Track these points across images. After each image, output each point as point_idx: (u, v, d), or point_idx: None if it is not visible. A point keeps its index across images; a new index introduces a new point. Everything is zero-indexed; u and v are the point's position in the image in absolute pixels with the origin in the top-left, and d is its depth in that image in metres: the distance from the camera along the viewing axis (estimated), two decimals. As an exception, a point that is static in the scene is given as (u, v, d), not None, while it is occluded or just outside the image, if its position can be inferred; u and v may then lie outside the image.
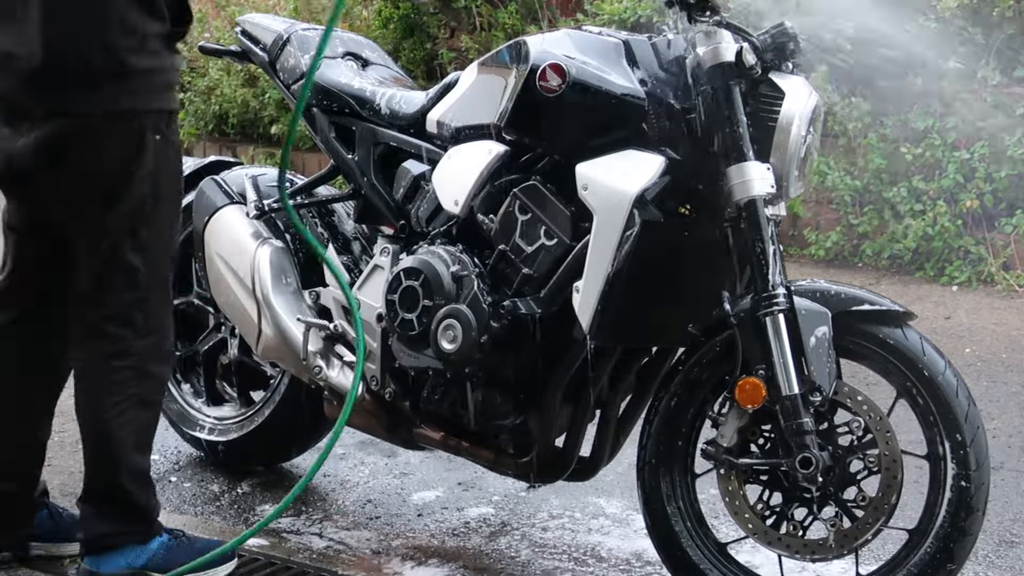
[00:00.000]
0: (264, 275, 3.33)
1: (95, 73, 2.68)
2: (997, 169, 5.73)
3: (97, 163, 2.73)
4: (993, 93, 5.88)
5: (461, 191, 2.97)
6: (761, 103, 2.79)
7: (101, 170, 2.74)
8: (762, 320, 2.72)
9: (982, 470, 2.69)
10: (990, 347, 4.89)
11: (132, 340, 2.81)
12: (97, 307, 2.80)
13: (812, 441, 2.69)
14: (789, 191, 2.82)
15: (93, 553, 2.91)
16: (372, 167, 3.25)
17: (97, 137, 2.71)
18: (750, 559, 3.01)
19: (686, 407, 2.87)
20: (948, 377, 2.70)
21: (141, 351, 2.83)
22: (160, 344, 2.88)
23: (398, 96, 3.26)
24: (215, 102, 8.18)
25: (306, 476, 3.00)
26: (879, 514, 2.72)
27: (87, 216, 2.77)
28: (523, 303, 2.87)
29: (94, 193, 2.76)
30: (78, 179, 2.74)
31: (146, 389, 2.86)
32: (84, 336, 2.84)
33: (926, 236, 5.74)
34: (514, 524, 3.46)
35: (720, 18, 2.77)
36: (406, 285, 2.98)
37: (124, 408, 2.83)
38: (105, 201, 2.76)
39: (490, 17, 7.30)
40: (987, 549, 3.28)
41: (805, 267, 5.89)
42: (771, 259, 2.73)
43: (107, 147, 2.72)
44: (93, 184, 2.75)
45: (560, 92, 2.79)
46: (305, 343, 3.25)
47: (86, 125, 2.70)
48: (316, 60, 2.88)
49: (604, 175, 2.75)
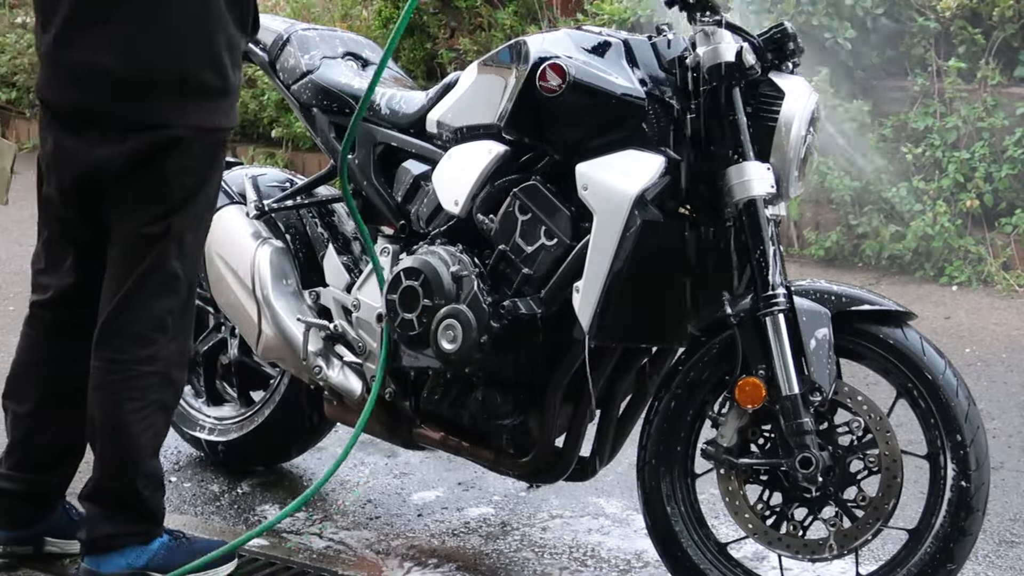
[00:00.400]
0: (264, 275, 3.33)
1: (197, 88, 2.70)
2: (997, 169, 5.73)
3: (183, 172, 2.75)
4: (993, 93, 5.87)
5: (461, 191, 2.97)
6: (761, 103, 2.79)
7: (184, 178, 2.75)
8: (762, 320, 2.72)
9: (982, 470, 2.69)
10: (990, 347, 4.89)
11: (163, 344, 2.82)
12: (139, 311, 2.79)
13: (812, 441, 2.69)
14: (789, 191, 2.82)
15: (94, 553, 2.90)
16: (372, 167, 3.25)
17: (186, 149, 2.73)
18: (750, 559, 3.02)
19: (686, 407, 2.87)
20: (948, 377, 2.70)
21: (168, 356, 2.83)
22: (183, 349, 2.90)
23: (398, 96, 3.26)
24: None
25: (319, 481, 3.01)
26: (879, 514, 2.72)
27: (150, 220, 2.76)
28: (523, 303, 2.86)
29: (170, 198, 2.76)
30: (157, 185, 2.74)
31: (169, 395, 2.88)
32: (114, 339, 2.81)
33: (926, 236, 5.74)
34: (514, 524, 3.46)
35: (720, 18, 2.77)
36: (406, 285, 2.98)
37: (147, 413, 2.83)
38: (178, 203, 2.77)
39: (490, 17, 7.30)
40: (987, 549, 3.28)
41: (805, 267, 5.88)
42: (771, 259, 2.74)
43: (194, 158, 2.75)
44: (172, 190, 2.76)
45: (560, 92, 2.79)
46: (305, 343, 3.25)
47: (177, 138, 2.71)
48: (374, 79, 2.94)
49: (604, 175, 2.75)
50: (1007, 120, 5.76)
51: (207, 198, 2.85)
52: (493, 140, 2.96)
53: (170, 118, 2.70)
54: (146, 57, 2.66)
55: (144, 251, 2.77)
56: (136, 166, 2.71)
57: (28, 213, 7.51)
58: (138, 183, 2.74)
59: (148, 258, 2.77)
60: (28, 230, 6.52)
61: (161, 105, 2.69)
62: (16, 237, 6.41)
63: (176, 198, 2.77)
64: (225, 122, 2.81)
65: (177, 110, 2.70)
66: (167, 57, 2.66)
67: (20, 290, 5.17)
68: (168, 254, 2.78)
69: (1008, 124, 5.74)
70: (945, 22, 6.00)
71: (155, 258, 2.77)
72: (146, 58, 2.66)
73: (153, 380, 2.82)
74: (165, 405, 2.88)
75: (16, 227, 6.63)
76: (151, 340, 2.81)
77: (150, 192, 2.75)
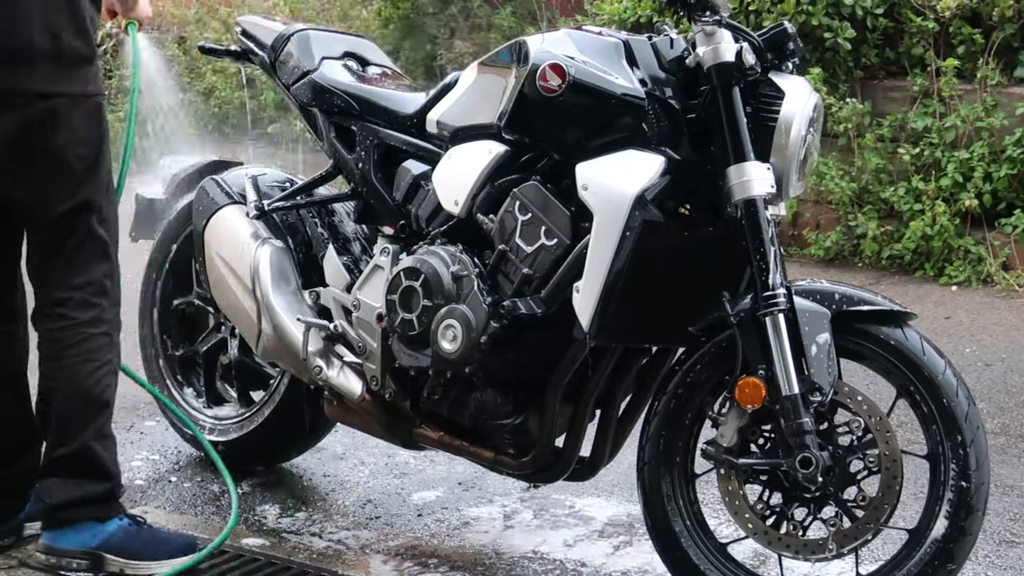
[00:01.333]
0: (264, 275, 3.33)
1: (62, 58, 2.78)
2: (996, 169, 5.74)
3: (72, 142, 2.83)
4: (992, 93, 5.88)
5: (461, 191, 2.97)
6: (761, 103, 2.79)
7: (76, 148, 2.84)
8: (762, 320, 2.72)
9: (982, 470, 2.69)
10: (990, 347, 4.90)
11: (106, 308, 2.94)
12: (78, 279, 2.90)
13: (812, 441, 2.69)
14: (789, 191, 2.82)
15: (52, 527, 2.95)
16: (372, 167, 3.25)
17: (66, 118, 2.81)
18: (750, 559, 3.02)
19: (686, 407, 2.87)
20: (948, 377, 2.70)
21: (111, 319, 2.96)
22: (118, 312, 3.00)
23: (398, 96, 3.26)
24: (214, 104, 8.20)
25: None
26: (879, 514, 2.72)
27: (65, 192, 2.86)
28: (523, 303, 2.86)
29: (72, 169, 2.85)
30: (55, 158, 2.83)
31: (116, 357, 2.99)
32: (58, 308, 2.90)
33: (926, 236, 5.75)
34: (514, 524, 3.46)
35: (720, 18, 2.77)
36: (406, 285, 2.98)
37: (104, 373, 2.93)
38: (82, 176, 2.86)
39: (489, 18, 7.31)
40: (987, 549, 3.28)
41: (805, 267, 5.89)
42: (771, 259, 2.73)
43: (77, 127, 2.83)
44: (71, 163, 2.84)
45: (560, 92, 2.79)
46: (305, 343, 3.25)
47: (53, 108, 2.80)
48: None
49: (604, 175, 2.75)
50: (1006, 120, 5.77)
51: (107, 161, 2.93)
52: (493, 140, 2.96)
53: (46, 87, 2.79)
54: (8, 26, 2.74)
55: (68, 227, 2.87)
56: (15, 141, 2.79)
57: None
58: (36, 167, 2.83)
59: (75, 232, 2.88)
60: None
61: (33, 73, 2.77)
62: (16, 237, 6.41)
63: (78, 170, 2.86)
64: (94, 88, 2.87)
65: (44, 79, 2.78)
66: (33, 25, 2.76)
67: (20, 290, 5.16)
68: (91, 223, 2.89)
69: (1007, 124, 5.75)
70: (944, 22, 6.00)
71: (81, 230, 2.88)
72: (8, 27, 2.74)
73: (103, 341, 2.93)
74: (114, 368, 2.97)
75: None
76: (95, 304, 2.92)
77: (52, 171, 2.84)
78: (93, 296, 2.92)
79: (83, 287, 2.91)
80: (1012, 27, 5.96)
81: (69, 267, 2.90)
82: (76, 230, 2.88)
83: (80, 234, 2.89)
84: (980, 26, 5.99)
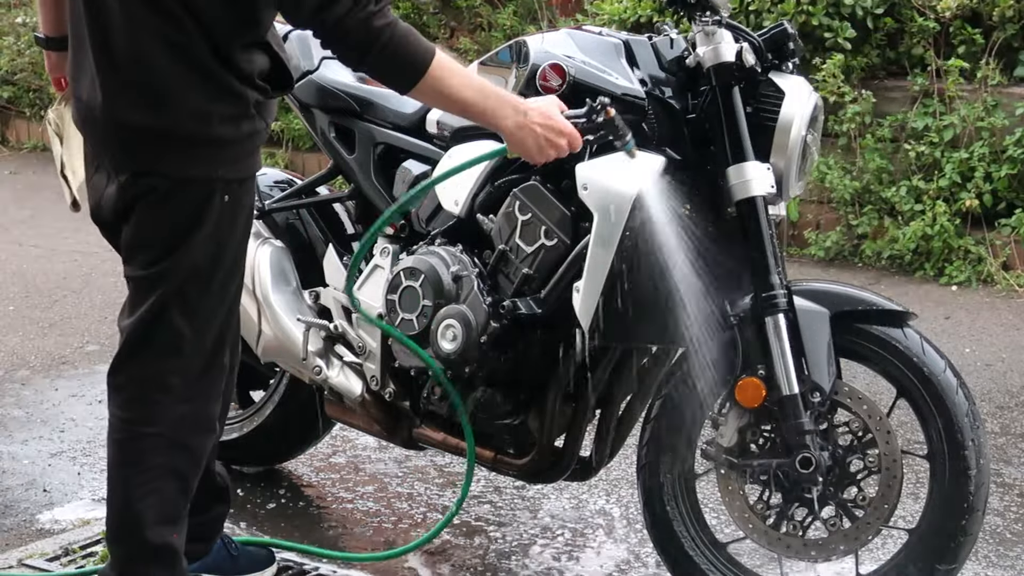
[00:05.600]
0: (264, 275, 3.33)
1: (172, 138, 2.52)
2: (997, 169, 5.73)
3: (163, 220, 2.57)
4: (993, 93, 5.88)
5: (461, 191, 2.97)
6: (761, 103, 2.79)
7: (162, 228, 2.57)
8: (762, 320, 2.72)
9: (982, 470, 2.69)
10: (990, 347, 4.89)
11: (167, 405, 2.62)
12: (139, 368, 2.62)
13: (812, 441, 2.69)
14: (789, 191, 2.82)
15: None
16: (372, 167, 3.25)
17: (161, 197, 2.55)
18: (750, 559, 3.02)
19: (686, 407, 2.87)
20: (948, 377, 2.70)
21: (175, 419, 2.62)
22: (200, 413, 2.67)
23: (398, 96, 3.26)
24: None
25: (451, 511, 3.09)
26: (879, 514, 2.72)
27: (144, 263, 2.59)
28: (523, 303, 2.87)
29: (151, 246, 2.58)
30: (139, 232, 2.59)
31: (178, 460, 2.64)
32: (119, 394, 2.66)
33: (926, 236, 5.74)
34: (514, 524, 3.46)
35: (720, 18, 2.77)
36: (406, 285, 2.98)
37: (148, 479, 2.62)
38: (158, 256, 2.57)
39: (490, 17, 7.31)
40: (987, 549, 3.28)
41: (805, 267, 5.89)
42: (771, 259, 2.74)
43: (171, 207, 2.56)
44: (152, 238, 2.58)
45: (560, 92, 2.79)
46: (305, 343, 3.25)
47: (152, 186, 2.54)
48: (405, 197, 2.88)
49: (604, 175, 2.75)
50: (1007, 120, 5.76)
51: (211, 253, 2.59)
52: (493, 140, 2.96)
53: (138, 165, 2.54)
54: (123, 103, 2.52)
55: (142, 297, 2.60)
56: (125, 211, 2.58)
57: (28, 213, 7.52)
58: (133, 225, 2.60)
59: (146, 305, 2.59)
60: (28, 230, 6.57)
61: (136, 151, 2.54)
62: (16, 237, 6.40)
63: (165, 244, 2.57)
64: (215, 171, 2.55)
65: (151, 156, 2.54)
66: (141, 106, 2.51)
67: (19, 290, 5.19)
68: (168, 307, 2.58)
69: (1008, 124, 5.75)
70: (945, 22, 6.00)
71: (155, 309, 2.58)
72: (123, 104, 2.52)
73: (156, 443, 2.61)
74: (175, 471, 2.64)
75: (16, 227, 6.63)
76: (153, 400, 2.62)
77: (141, 234, 2.59)
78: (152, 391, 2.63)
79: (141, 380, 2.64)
80: (1012, 27, 5.95)
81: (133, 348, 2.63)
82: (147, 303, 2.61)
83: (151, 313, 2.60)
84: (980, 26, 5.99)
